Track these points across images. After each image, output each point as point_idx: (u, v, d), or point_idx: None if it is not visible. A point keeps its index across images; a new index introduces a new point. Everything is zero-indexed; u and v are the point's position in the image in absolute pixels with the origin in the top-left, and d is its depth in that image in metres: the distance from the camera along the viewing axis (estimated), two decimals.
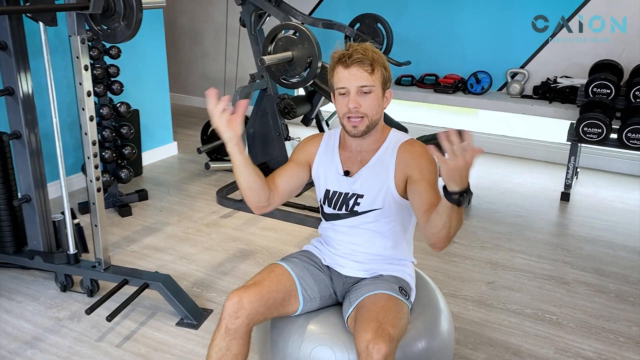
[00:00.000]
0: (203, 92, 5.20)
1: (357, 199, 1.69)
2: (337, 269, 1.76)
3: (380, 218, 1.69)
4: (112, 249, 3.07)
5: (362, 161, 1.71)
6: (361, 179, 1.69)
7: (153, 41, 4.29)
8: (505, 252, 3.10)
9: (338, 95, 1.63)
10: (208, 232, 3.31)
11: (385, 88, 1.65)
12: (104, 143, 3.33)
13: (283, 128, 3.92)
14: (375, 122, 1.64)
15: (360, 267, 1.74)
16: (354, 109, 1.59)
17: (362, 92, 1.59)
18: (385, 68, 1.62)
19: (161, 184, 4.05)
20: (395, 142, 1.69)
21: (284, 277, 1.69)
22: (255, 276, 1.69)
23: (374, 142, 1.70)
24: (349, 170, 1.71)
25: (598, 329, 2.43)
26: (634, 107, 3.56)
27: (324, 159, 1.77)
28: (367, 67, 1.57)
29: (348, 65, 1.58)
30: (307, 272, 1.73)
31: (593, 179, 4.22)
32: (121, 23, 2.21)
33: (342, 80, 1.60)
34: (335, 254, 1.78)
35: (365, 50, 1.59)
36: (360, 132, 1.63)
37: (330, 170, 1.74)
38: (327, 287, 1.75)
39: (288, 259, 1.78)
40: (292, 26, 3.19)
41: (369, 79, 1.58)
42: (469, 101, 4.47)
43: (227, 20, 4.48)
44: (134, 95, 4.04)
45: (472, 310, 2.56)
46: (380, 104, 1.64)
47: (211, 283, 2.76)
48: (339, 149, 1.75)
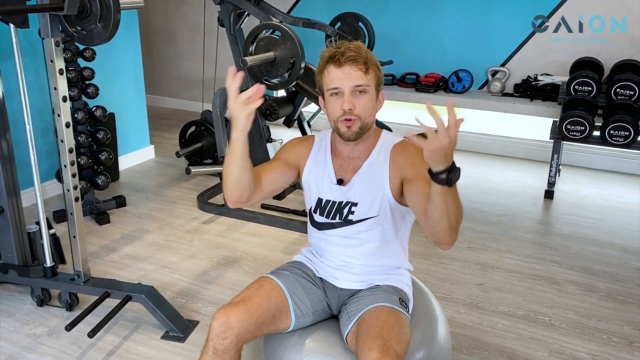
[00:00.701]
0: (178, 93, 5.08)
1: (351, 207, 1.61)
2: (332, 281, 1.69)
3: (375, 226, 1.61)
4: (90, 259, 2.94)
5: (355, 167, 1.63)
6: (355, 186, 1.61)
7: (128, 42, 4.16)
8: (493, 253, 3.07)
9: (329, 97, 1.54)
10: (190, 239, 3.21)
11: (378, 89, 1.56)
12: (80, 149, 3.20)
13: (265, 130, 3.84)
14: (368, 125, 1.55)
15: (356, 279, 1.66)
16: (349, 110, 1.50)
17: (356, 92, 1.50)
18: (378, 68, 1.54)
19: (139, 189, 3.93)
20: (387, 145, 1.62)
21: (274, 292, 1.60)
22: (243, 292, 1.60)
23: (366, 148, 1.62)
24: (342, 179, 1.63)
25: (591, 329, 2.42)
26: (615, 105, 3.57)
27: (315, 166, 1.68)
28: (361, 65, 1.49)
29: (341, 63, 1.48)
30: (299, 286, 1.65)
31: (574, 176, 4.24)
32: (98, 24, 2.11)
33: (335, 80, 1.50)
34: (328, 266, 1.70)
35: (359, 48, 1.51)
36: (354, 133, 1.52)
37: (323, 178, 1.66)
38: (321, 301, 1.67)
39: (278, 272, 1.70)
40: (275, 26, 3.11)
41: (364, 78, 1.49)
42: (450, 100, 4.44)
43: (204, 20, 4.37)
44: (110, 98, 3.91)
45: (464, 313, 2.52)
46: (374, 106, 1.55)
47: (196, 293, 2.66)
48: (331, 155, 1.67)
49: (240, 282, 2.75)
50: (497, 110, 4.31)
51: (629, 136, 3.44)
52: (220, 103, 3.46)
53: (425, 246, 3.10)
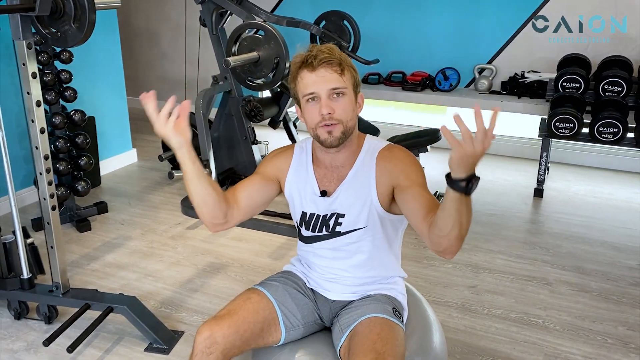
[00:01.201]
0: (162, 95, 4.92)
1: (337, 219, 1.53)
2: (323, 292, 1.61)
3: (365, 237, 1.53)
4: (71, 268, 2.85)
5: (339, 177, 1.54)
6: (340, 197, 1.52)
7: (107, 43, 4.05)
8: (485, 254, 3.02)
9: (306, 103, 1.44)
10: (174, 245, 3.12)
11: (356, 91, 1.48)
12: (58, 154, 3.09)
13: (250, 131, 3.76)
14: (350, 128, 1.46)
15: (347, 290, 1.59)
16: (328, 115, 1.40)
17: (334, 95, 1.41)
18: (354, 69, 1.46)
19: (121, 194, 3.83)
20: (372, 151, 1.52)
21: (262, 304, 1.52)
22: (229, 304, 1.52)
23: (350, 156, 1.53)
24: (326, 190, 1.54)
25: (585, 331, 2.37)
26: (604, 101, 3.54)
27: (297, 178, 1.58)
28: (336, 67, 1.41)
29: (315, 67, 1.40)
30: (289, 297, 1.57)
31: (563, 173, 4.21)
32: (72, 25, 2.01)
33: (310, 85, 1.41)
34: (319, 278, 1.62)
35: (331, 49, 1.43)
36: (337, 139, 1.43)
37: (305, 190, 1.56)
38: (312, 312, 1.60)
39: (267, 282, 1.62)
40: (258, 25, 3.03)
41: (340, 80, 1.41)
42: (438, 98, 4.40)
43: (185, 20, 4.28)
44: (89, 101, 3.80)
45: (457, 317, 2.47)
46: (353, 108, 1.46)
47: (180, 302, 2.58)
48: (313, 165, 1.57)
49: (226, 289, 2.67)
50: (485, 108, 4.17)
51: (618, 133, 3.41)
52: (203, 104, 3.37)
53: (415, 248, 3.04)
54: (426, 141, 3.26)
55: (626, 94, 3.57)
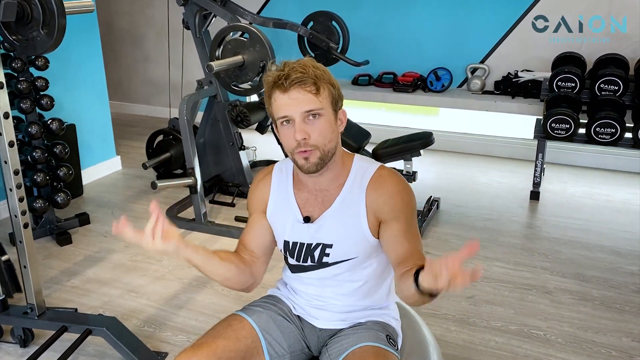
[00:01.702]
0: (147, 99, 4.79)
1: (324, 249, 1.40)
2: (310, 320, 1.49)
3: (355, 267, 1.42)
4: (50, 285, 2.72)
5: (324, 202, 1.40)
6: (326, 225, 1.39)
7: (87, 47, 3.91)
8: (481, 261, 2.92)
9: (281, 126, 1.31)
10: (159, 258, 2.98)
11: (336, 109, 1.34)
12: (36, 165, 2.95)
13: (237, 137, 3.64)
14: (329, 152, 1.33)
15: (336, 318, 1.47)
16: (303, 140, 1.28)
17: (308, 117, 1.29)
18: (332, 85, 1.32)
19: (105, 204, 3.69)
20: (361, 177, 1.39)
21: (244, 331, 1.41)
22: (209, 331, 1.41)
23: (335, 178, 1.40)
24: (309, 216, 1.41)
25: (588, 343, 2.27)
26: (600, 101, 3.45)
27: (278, 204, 1.45)
28: (309, 87, 1.27)
29: (286, 88, 1.27)
30: (274, 324, 1.45)
31: (559, 174, 4.12)
32: (41, 31, 1.89)
33: (283, 108, 1.29)
34: (306, 305, 1.50)
35: (305, 67, 1.28)
36: (314, 165, 1.31)
37: (287, 217, 1.43)
38: (299, 341, 1.48)
39: (250, 308, 1.50)
40: (242, 27, 2.91)
41: (315, 101, 1.28)
42: (430, 99, 4.29)
43: (168, 22, 4.14)
44: (69, 108, 3.67)
45: (454, 331, 2.36)
46: (333, 129, 1.32)
47: (165, 320, 2.45)
48: (294, 189, 1.45)
49: (213, 305, 2.55)
50: (478, 109, 4.18)
51: (615, 133, 3.32)
52: (187, 110, 3.24)
53: None
54: (419, 145, 3.15)
55: (623, 93, 3.48)
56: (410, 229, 1.37)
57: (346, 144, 3.23)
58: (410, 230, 1.37)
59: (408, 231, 1.36)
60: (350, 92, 4.38)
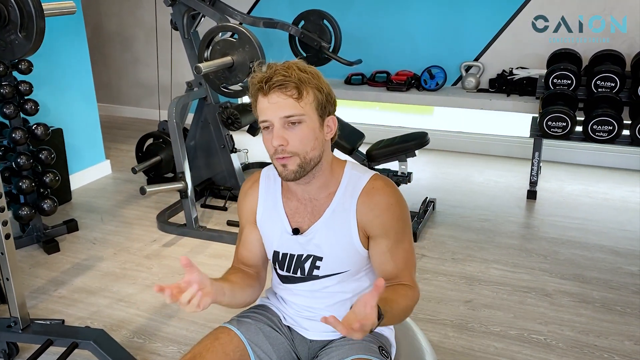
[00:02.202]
0: (136, 101, 4.68)
1: (314, 262, 1.35)
2: (300, 331, 1.43)
3: (347, 280, 1.36)
4: (36, 295, 2.64)
5: (314, 213, 1.34)
6: (317, 237, 1.33)
7: (74, 49, 3.82)
8: (479, 263, 2.86)
9: (263, 131, 1.26)
10: (149, 265, 2.91)
11: (323, 115, 1.26)
12: (21, 172, 2.87)
13: (228, 139, 3.57)
14: (311, 160, 1.25)
15: (327, 329, 1.38)
16: (280, 147, 1.22)
17: (288, 123, 1.22)
18: (319, 90, 1.24)
19: (93, 210, 3.61)
20: (352, 188, 1.33)
21: (231, 345, 1.35)
22: (196, 346, 1.35)
23: (323, 187, 1.33)
24: (298, 228, 1.35)
25: (590, 348, 2.21)
26: (597, 98, 3.39)
27: (266, 213, 1.39)
28: (291, 91, 1.20)
29: (266, 92, 1.21)
30: (262, 336, 1.40)
31: (555, 173, 4.06)
32: (19, 34, 1.82)
33: (263, 112, 1.23)
34: (296, 315, 1.44)
35: (288, 69, 1.22)
36: (292, 172, 1.25)
37: (275, 227, 1.37)
38: (289, 352, 1.42)
39: (239, 319, 1.44)
40: (230, 27, 2.83)
41: (295, 106, 1.21)
42: (424, 98, 4.23)
43: (156, 23, 4.06)
44: (56, 112, 3.58)
45: (453, 337, 2.30)
46: (317, 136, 1.25)
47: (155, 330, 2.38)
48: (283, 197, 1.38)
49: (204, 314, 2.46)
50: (473, 107, 4.12)
51: (612, 130, 3.26)
52: (176, 113, 3.17)
53: None
54: (414, 145, 3.09)
55: (620, 90, 3.42)
56: (400, 245, 1.33)
57: (339, 145, 3.16)
58: (399, 247, 1.33)
59: (397, 248, 1.32)
60: (343, 91, 4.32)
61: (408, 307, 1.31)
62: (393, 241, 1.31)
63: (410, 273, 1.35)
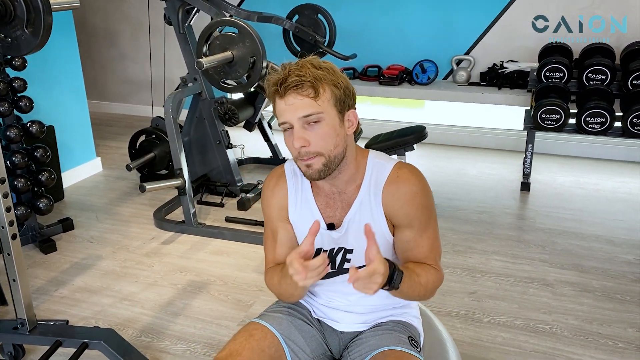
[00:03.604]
0: (124, 97, 4.61)
1: (345, 255, 1.36)
2: (331, 324, 1.44)
3: None
4: (37, 295, 2.59)
5: (343, 205, 1.35)
6: (348, 231, 1.34)
7: (63, 45, 3.74)
8: (480, 255, 2.89)
9: (284, 132, 1.26)
10: (150, 263, 2.88)
11: (342, 110, 1.25)
12: (16, 170, 2.81)
13: (224, 135, 3.54)
14: (335, 158, 1.25)
15: (358, 320, 1.42)
16: (302, 148, 1.22)
17: (307, 123, 1.22)
18: (336, 85, 1.23)
19: (88, 208, 3.55)
20: (377, 177, 1.33)
21: (266, 341, 1.35)
22: (231, 343, 1.34)
23: (351, 180, 1.34)
24: (333, 223, 1.36)
25: (595, 336, 2.26)
26: (589, 90, 3.45)
27: (299, 210, 1.38)
28: (307, 90, 1.20)
29: (282, 94, 1.21)
30: (295, 330, 1.40)
31: (547, 164, 4.12)
32: (25, 30, 1.78)
33: (281, 114, 1.23)
34: (325, 306, 1.45)
35: (302, 68, 1.21)
36: (317, 172, 1.25)
37: (308, 223, 1.33)
38: (321, 345, 1.43)
39: (269, 315, 1.44)
40: (231, 22, 2.81)
41: (313, 105, 1.20)
42: (416, 92, 4.25)
43: (149, 18, 4.00)
44: (47, 109, 3.52)
45: (460, 328, 2.32)
46: (338, 132, 1.25)
47: (162, 328, 2.36)
48: (313, 193, 1.38)
49: (210, 311, 2.46)
50: (465, 101, 4.15)
51: (605, 122, 3.33)
52: (173, 108, 3.14)
53: None
54: (412, 139, 3.12)
55: (610, 82, 3.49)
56: (424, 233, 1.34)
57: None
58: (424, 236, 1.34)
59: (421, 237, 1.33)
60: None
61: (429, 282, 1.31)
62: (417, 230, 1.32)
63: (434, 259, 1.36)
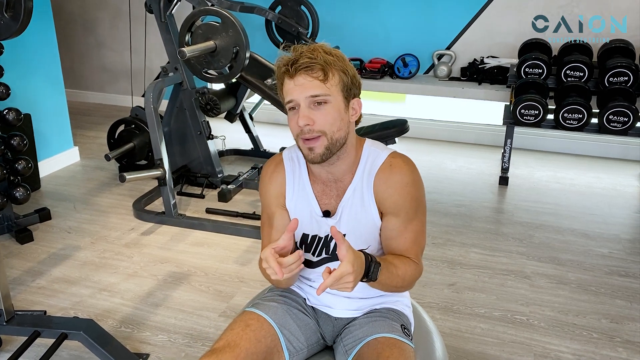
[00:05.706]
0: (101, 86, 4.54)
1: None
2: (325, 310, 1.45)
3: None
4: (14, 286, 2.55)
5: (339, 193, 1.37)
6: (342, 217, 1.36)
7: (41, 32, 3.67)
8: (459, 248, 2.93)
9: (289, 112, 1.29)
10: (129, 254, 2.86)
11: (348, 97, 1.29)
12: None
13: (204, 125, 3.51)
14: (338, 141, 1.28)
15: (352, 306, 1.44)
16: (306, 126, 1.25)
17: (314, 103, 1.25)
18: (344, 72, 1.27)
19: (65, 198, 3.50)
20: (371, 165, 1.36)
21: (263, 331, 1.35)
22: (227, 333, 1.34)
23: (347, 168, 1.36)
24: (328, 210, 1.38)
25: (570, 326, 2.31)
26: (567, 87, 3.51)
27: (296, 197, 1.40)
28: (317, 73, 1.23)
29: (292, 74, 1.24)
30: (290, 318, 1.41)
31: (524, 159, 4.19)
32: (5, 15, 1.74)
33: (289, 93, 1.26)
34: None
35: (314, 52, 1.24)
36: (319, 155, 1.27)
37: (305, 210, 1.39)
38: (315, 332, 1.44)
39: (264, 303, 1.44)
40: (214, 12, 2.78)
41: (322, 86, 1.24)
42: (397, 86, 4.27)
43: (129, 6, 3.94)
44: (23, 97, 3.45)
45: (440, 319, 2.35)
46: (342, 117, 1.28)
47: (142, 319, 2.34)
48: (310, 180, 1.40)
49: (191, 302, 2.45)
50: (446, 96, 4.18)
51: (582, 119, 3.39)
52: (153, 98, 3.10)
53: None
54: (395, 132, 3.13)
55: (588, 79, 3.55)
56: (410, 225, 1.35)
57: None
58: (408, 227, 1.35)
59: (405, 228, 1.35)
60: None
61: (407, 274, 1.32)
62: (402, 220, 1.34)
63: (415, 252, 1.37)
